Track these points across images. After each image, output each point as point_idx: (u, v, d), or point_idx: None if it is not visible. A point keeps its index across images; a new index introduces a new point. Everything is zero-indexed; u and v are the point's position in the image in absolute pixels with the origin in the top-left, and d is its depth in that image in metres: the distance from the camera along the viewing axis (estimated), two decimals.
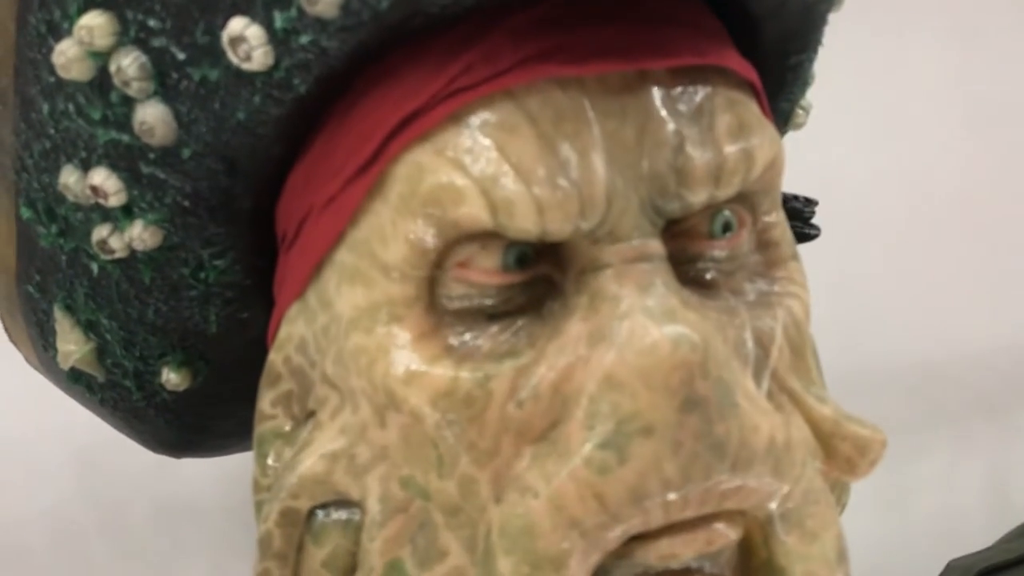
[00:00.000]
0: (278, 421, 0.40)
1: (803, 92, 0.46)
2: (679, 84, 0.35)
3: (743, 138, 0.35)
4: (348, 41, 0.33)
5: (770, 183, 0.37)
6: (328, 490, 0.37)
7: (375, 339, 0.35)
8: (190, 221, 0.40)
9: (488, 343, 0.35)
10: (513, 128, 0.33)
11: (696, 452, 0.32)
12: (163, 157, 0.38)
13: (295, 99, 0.35)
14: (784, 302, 0.38)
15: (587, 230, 0.34)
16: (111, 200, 0.39)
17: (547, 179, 0.33)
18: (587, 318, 0.34)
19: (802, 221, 0.53)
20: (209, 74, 0.35)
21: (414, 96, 0.34)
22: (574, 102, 0.34)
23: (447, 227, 0.34)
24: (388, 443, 0.36)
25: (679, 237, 0.37)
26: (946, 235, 0.96)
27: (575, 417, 0.33)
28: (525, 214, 0.33)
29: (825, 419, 0.38)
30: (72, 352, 0.46)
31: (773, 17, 0.39)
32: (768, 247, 0.39)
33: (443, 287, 0.35)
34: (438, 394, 0.34)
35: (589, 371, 0.33)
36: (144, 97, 0.36)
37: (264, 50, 0.34)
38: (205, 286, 0.43)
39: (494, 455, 0.34)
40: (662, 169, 0.34)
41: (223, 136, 0.36)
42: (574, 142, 0.33)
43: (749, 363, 0.36)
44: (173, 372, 0.46)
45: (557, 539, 0.32)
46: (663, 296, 0.33)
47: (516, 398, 0.34)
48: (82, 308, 0.45)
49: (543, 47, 0.34)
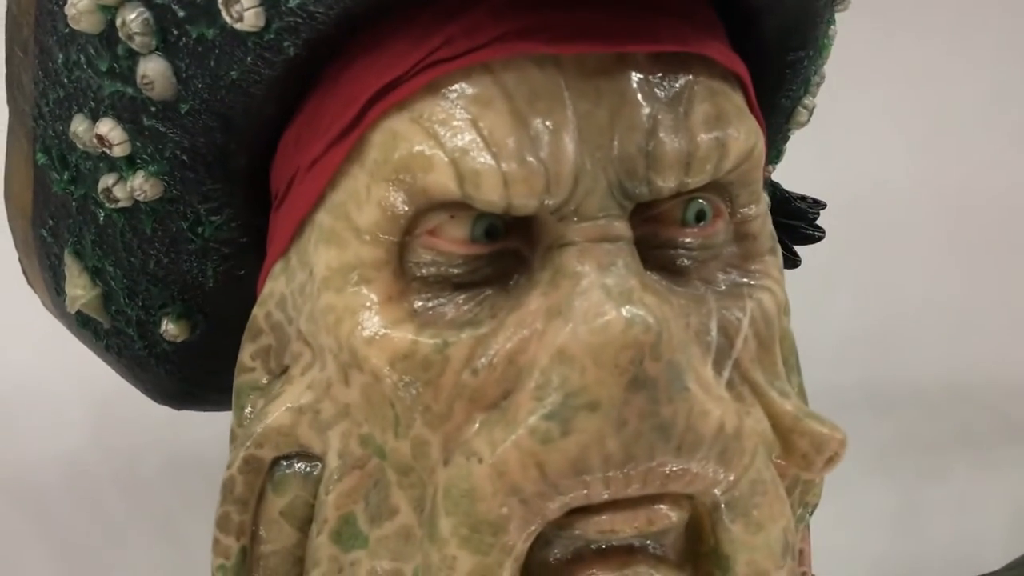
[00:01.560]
0: (256, 374, 0.41)
1: (806, 90, 0.46)
2: (659, 70, 0.35)
3: (718, 128, 0.35)
4: (335, 7, 0.34)
5: (748, 175, 0.38)
6: (292, 442, 0.38)
7: (344, 299, 0.36)
8: (188, 175, 0.41)
9: (453, 311, 0.36)
10: (488, 102, 0.34)
11: (640, 431, 0.33)
12: (163, 111, 0.39)
13: (286, 61, 0.36)
14: (755, 294, 0.38)
15: (553, 207, 0.34)
16: (115, 150, 0.41)
17: (516, 154, 0.34)
18: (547, 293, 0.34)
19: (807, 222, 0.53)
20: (206, 32, 0.36)
21: (396, 65, 0.35)
22: (550, 80, 0.34)
23: (417, 194, 0.34)
24: (351, 401, 0.37)
25: (651, 222, 0.37)
26: (984, 255, 0.94)
27: (526, 388, 0.34)
28: (491, 186, 0.33)
29: (785, 414, 0.38)
30: (79, 296, 0.48)
31: (771, 11, 0.39)
32: (745, 239, 0.39)
33: (412, 253, 0.36)
34: (397, 356, 0.35)
35: (543, 344, 0.34)
36: (147, 52, 0.38)
37: (255, 11, 0.35)
38: (203, 240, 0.44)
39: (446, 419, 0.35)
40: (632, 152, 0.34)
41: (218, 94, 0.38)
42: (546, 119, 0.34)
43: (711, 351, 0.37)
44: (172, 323, 0.48)
45: (497, 504, 0.33)
46: (623, 276, 0.34)
47: (472, 366, 0.35)
48: (89, 254, 0.46)
49: (523, 25, 0.34)
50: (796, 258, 0.53)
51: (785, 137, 0.50)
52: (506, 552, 0.33)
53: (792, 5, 0.39)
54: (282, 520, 0.38)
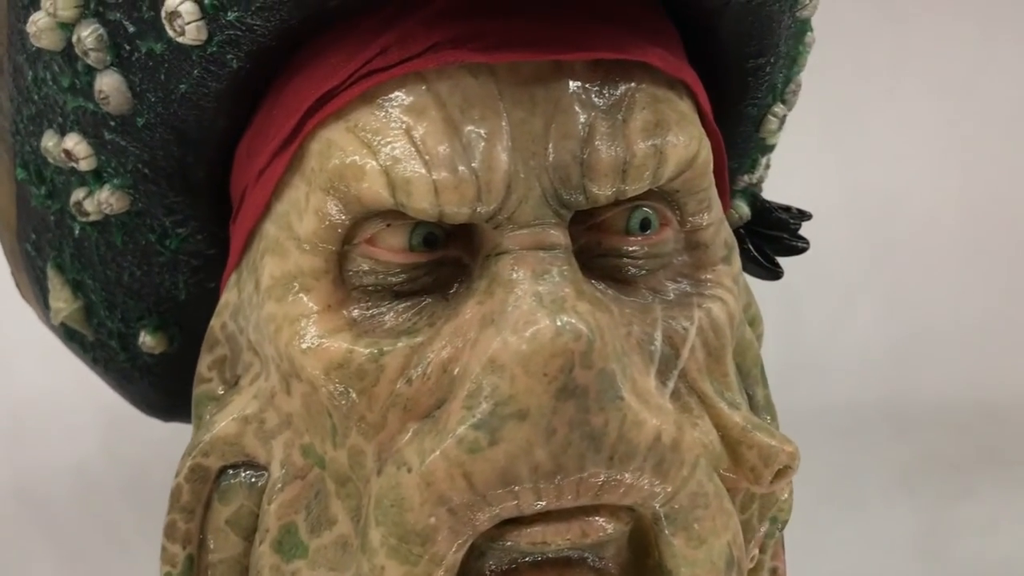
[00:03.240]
0: (212, 384, 0.41)
1: (774, 98, 0.45)
2: (598, 78, 0.35)
3: (657, 135, 0.35)
4: (271, 20, 0.35)
5: (693, 184, 0.37)
6: (238, 451, 0.38)
7: (283, 308, 0.36)
8: (151, 188, 0.42)
9: (392, 320, 0.36)
10: (421, 110, 0.34)
11: (569, 440, 0.32)
12: (122, 125, 0.40)
13: (231, 74, 0.37)
14: (705, 304, 0.38)
15: (486, 214, 0.34)
16: (82, 164, 0.42)
17: (447, 162, 0.34)
18: (483, 301, 0.34)
19: (789, 233, 0.52)
20: (154, 47, 0.37)
21: (334, 75, 0.36)
22: (484, 89, 0.34)
23: (352, 203, 0.35)
24: (292, 410, 0.37)
25: (594, 230, 0.37)
26: (1010, 268, 0.92)
27: (458, 397, 0.33)
28: (422, 194, 0.33)
29: (734, 425, 0.37)
30: (62, 309, 0.49)
31: (721, 14, 0.39)
32: (696, 248, 0.38)
33: (352, 263, 0.36)
34: (332, 365, 0.35)
35: (476, 353, 0.33)
36: (102, 67, 0.39)
37: (196, 25, 0.35)
38: (171, 253, 0.45)
39: (380, 428, 0.35)
40: (567, 160, 0.34)
41: (171, 107, 0.38)
42: (479, 127, 0.34)
43: (654, 360, 0.36)
44: (149, 335, 0.48)
45: (425, 514, 0.33)
46: (557, 284, 0.33)
47: (407, 375, 0.34)
48: (69, 267, 0.47)
49: (457, 34, 0.34)
50: (778, 270, 0.52)
51: (763, 147, 0.49)
52: (435, 563, 0.33)
53: (742, 7, 0.38)
54: (228, 529, 0.38)
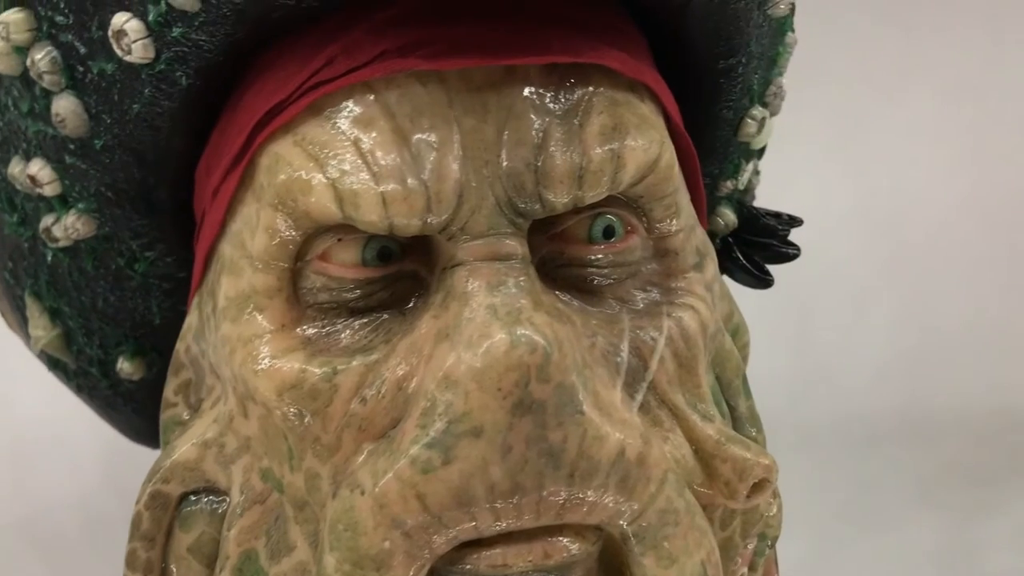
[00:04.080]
0: (178, 409, 0.40)
1: (752, 100, 0.44)
2: (553, 82, 0.34)
3: (615, 139, 0.34)
4: (216, 35, 0.34)
5: (658, 189, 0.36)
6: (198, 477, 0.37)
7: (238, 328, 0.35)
8: (116, 212, 0.41)
9: (348, 338, 0.35)
10: (369, 121, 0.33)
11: (526, 458, 0.31)
12: (81, 148, 0.39)
13: (182, 92, 0.36)
14: (675, 313, 0.36)
15: (437, 225, 0.33)
16: (46, 189, 0.41)
17: (395, 173, 0.33)
18: (438, 315, 0.33)
19: (779, 240, 0.50)
20: (106, 67, 0.36)
21: (282, 89, 0.35)
22: (433, 97, 0.33)
23: (301, 218, 0.34)
24: (251, 434, 0.36)
25: (556, 239, 0.36)
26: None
27: (412, 415, 0.32)
28: (370, 207, 0.33)
29: (707, 439, 0.36)
30: (41, 337, 0.49)
31: (684, 14, 0.38)
32: (666, 256, 0.37)
33: (306, 280, 0.35)
34: (284, 386, 0.34)
35: (430, 369, 0.32)
36: (58, 90, 0.38)
37: (143, 43, 0.35)
38: (142, 277, 0.44)
39: (335, 450, 0.34)
40: (520, 168, 0.33)
41: (127, 128, 0.38)
42: (429, 137, 0.33)
43: (620, 373, 0.35)
44: (127, 362, 0.48)
45: (379, 538, 0.32)
46: (512, 296, 0.32)
47: (361, 394, 0.33)
48: (46, 295, 0.47)
49: (405, 41, 0.33)
50: (768, 278, 0.50)
51: (746, 152, 0.47)
52: None
53: (705, 6, 0.37)
54: (190, 557, 0.37)
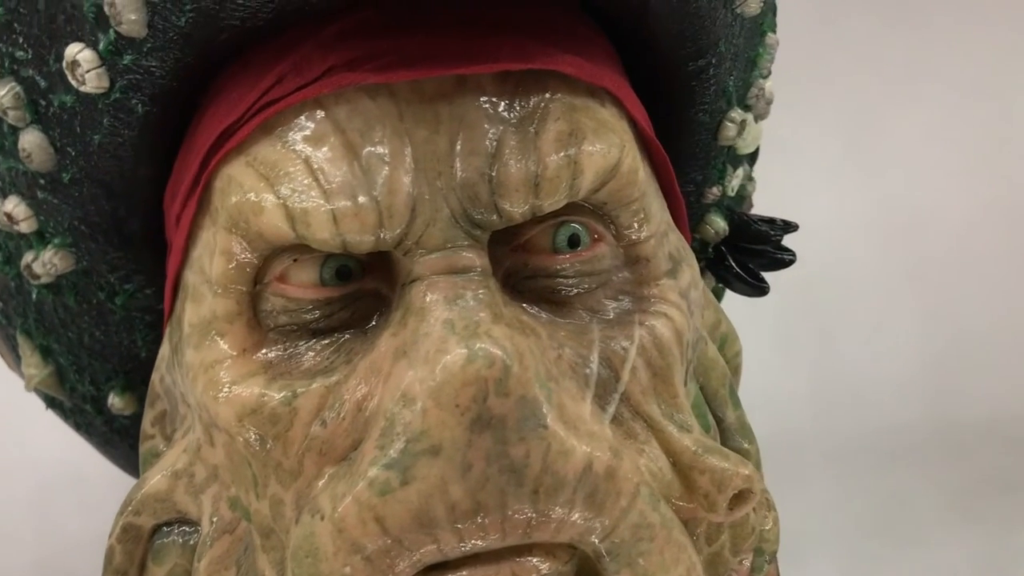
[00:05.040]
0: (156, 440, 0.40)
1: (729, 103, 0.43)
2: (507, 90, 0.33)
3: (571, 145, 0.33)
4: (166, 60, 0.34)
5: (622, 194, 0.35)
6: (170, 508, 0.37)
7: (200, 355, 0.35)
8: (91, 246, 0.41)
9: (311, 360, 0.34)
10: (320, 138, 0.33)
11: (487, 475, 0.30)
12: (50, 183, 0.39)
13: (140, 120, 0.36)
14: (648, 321, 0.35)
15: (392, 240, 0.32)
16: (22, 226, 0.41)
17: (346, 189, 0.32)
18: (396, 333, 0.32)
19: (772, 245, 0.49)
20: (65, 99, 0.36)
21: (234, 110, 0.34)
22: (383, 110, 0.33)
23: (255, 239, 0.33)
24: (218, 462, 0.35)
25: (520, 250, 0.35)
26: None
27: (372, 436, 0.31)
28: (321, 225, 0.32)
29: (684, 450, 0.34)
30: (34, 375, 0.49)
31: (645, 15, 0.37)
32: (637, 263, 0.36)
33: (265, 302, 0.34)
34: (244, 411, 0.33)
35: (388, 388, 0.31)
36: (23, 125, 0.38)
37: (96, 72, 0.35)
38: (123, 310, 0.44)
39: (297, 475, 0.33)
40: (474, 178, 0.32)
41: (91, 160, 0.38)
42: (380, 151, 0.32)
43: (590, 385, 0.34)
44: (117, 397, 0.47)
45: (339, 564, 0.31)
46: (471, 309, 0.31)
47: (321, 417, 0.33)
48: (36, 333, 0.47)
49: (353, 56, 0.33)
50: (764, 285, 0.49)
51: (732, 157, 0.46)
52: None
53: (664, 5, 0.36)
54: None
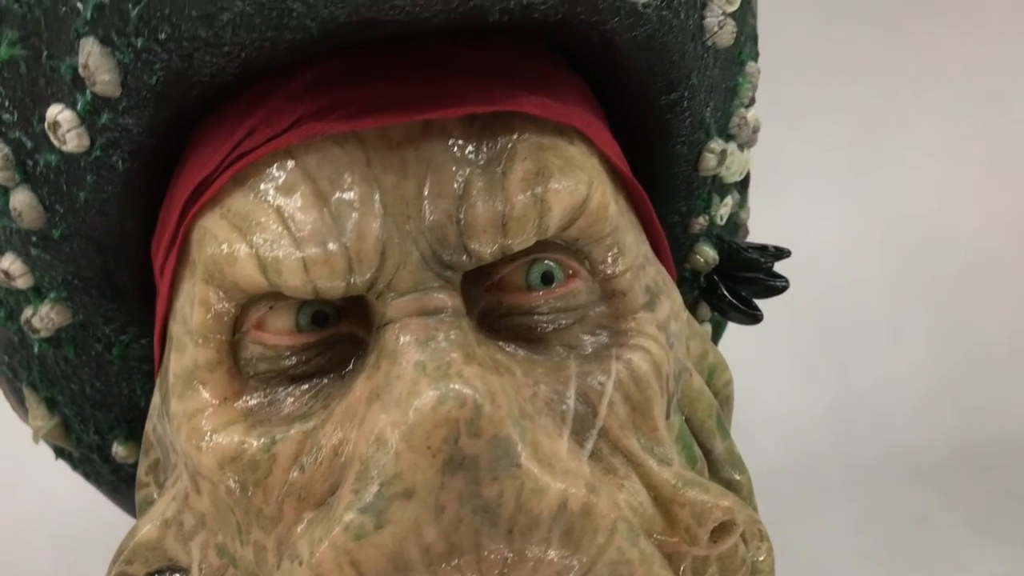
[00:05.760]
0: (150, 489, 0.41)
1: (708, 134, 0.43)
2: (474, 133, 0.34)
3: (538, 184, 0.33)
4: (141, 118, 0.35)
5: (593, 230, 0.35)
6: (161, 556, 0.37)
7: (184, 404, 0.35)
8: (85, 299, 0.42)
9: (291, 406, 0.35)
10: (290, 187, 0.33)
11: (460, 516, 0.30)
12: (42, 240, 0.40)
13: (122, 176, 0.37)
14: (625, 355, 0.35)
15: (363, 285, 0.33)
16: (19, 282, 0.42)
17: (315, 237, 0.33)
18: (371, 376, 0.33)
19: (764, 272, 0.49)
20: (50, 159, 0.37)
21: (209, 163, 0.35)
22: (352, 158, 0.33)
23: (230, 289, 0.34)
24: (204, 509, 0.36)
25: (494, 289, 0.35)
26: None
27: (348, 480, 0.32)
28: (292, 272, 0.33)
29: (664, 484, 0.34)
30: (41, 427, 0.50)
31: (611, 51, 0.37)
32: (614, 297, 0.36)
33: (244, 350, 0.35)
34: (225, 459, 0.34)
35: (363, 432, 0.32)
36: (13, 185, 0.39)
37: (76, 132, 0.36)
38: (121, 361, 0.45)
39: (278, 520, 0.33)
40: (442, 220, 0.33)
41: (79, 216, 0.39)
42: (349, 197, 0.33)
43: (567, 421, 0.34)
44: (121, 446, 0.48)
45: None
46: (442, 351, 0.32)
47: (299, 462, 0.33)
48: (40, 385, 0.48)
49: (320, 105, 0.34)
50: (757, 312, 0.49)
51: (719, 186, 0.46)
52: None
53: (628, 43, 0.37)
54: None
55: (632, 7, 0.35)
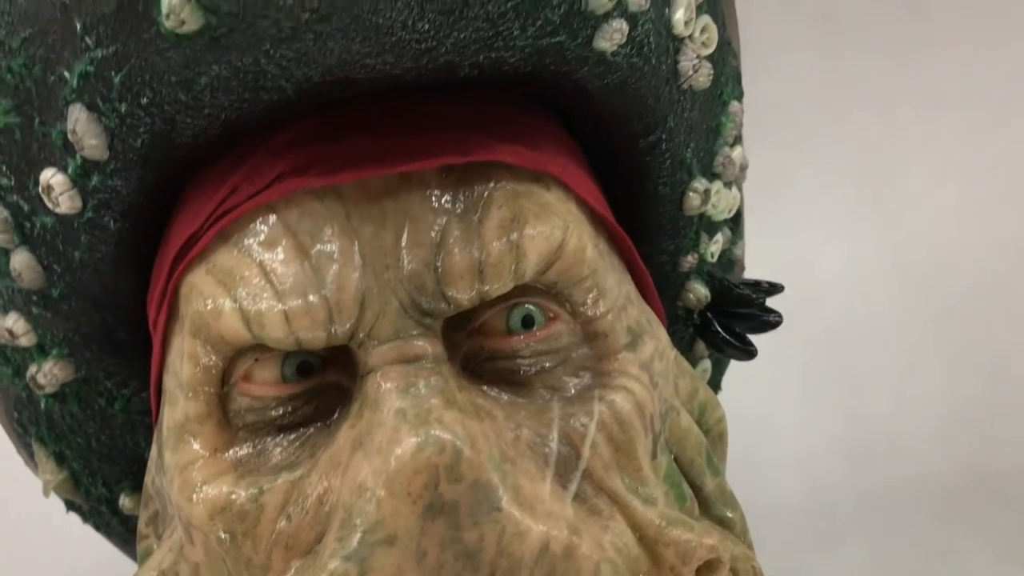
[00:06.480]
0: (150, 540, 0.41)
1: (690, 174, 0.43)
2: (450, 183, 0.35)
3: (514, 230, 0.34)
4: (130, 179, 0.36)
5: (571, 273, 0.36)
6: None
7: (176, 457, 0.36)
8: (86, 355, 0.43)
9: (279, 455, 0.35)
10: (272, 242, 0.34)
11: (442, 562, 0.31)
12: (42, 299, 0.41)
13: (114, 235, 0.38)
14: (607, 396, 0.36)
15: (344, 335, 0.34)
16: (22, 340, 0.43)
17: (297, 289, 0.33)
18: (354, 424, 0.33)
19: (758, 308, 0.49)
20: (46, 221, 0.39)
21: (195, 220, 0.36)
22: (331, 211, 0.34)
23: (216, 343, 0.35)
24: (199, 560, 0.36)
25: (475, 334, 0.36)
26: None
27: (332, 528, 0.32)
28: (275, 324, 0.33)
29: (648, 523, 0.35)
30: (50, 480, 0.51)
31: (584, 97, 0.38)
32: (596, 339, 0.37)
33: (232, 402, 0.36)
34: (215, 510, 0.34)
35: (346, 480, 0.32)
36: (13, 247, 0.40)
37: (68, 194, 0.37)
38: (125, 414, 0.46)
39: (267, 569, 0.34)
40: (420, 269, 0.34)
41: (76, 275, 0.40)
42: (329, 249, 0.34)
43: (550, 464, 0.34)
44: (128, 498, 0.49)
45: None
46: (422, 397, 0.32)
47: (286, 511, 0.34)
48: (48, 440, 0.49)
49: (300, 161, 0.35)
50: (751, 348, 0.49)
51: (708, 224, 0.47)
52: None
53: (602, 90, 0.38)
54: None
55: (600, 56, 0.36)
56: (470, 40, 0.33)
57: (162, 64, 0.33)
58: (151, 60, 0.33)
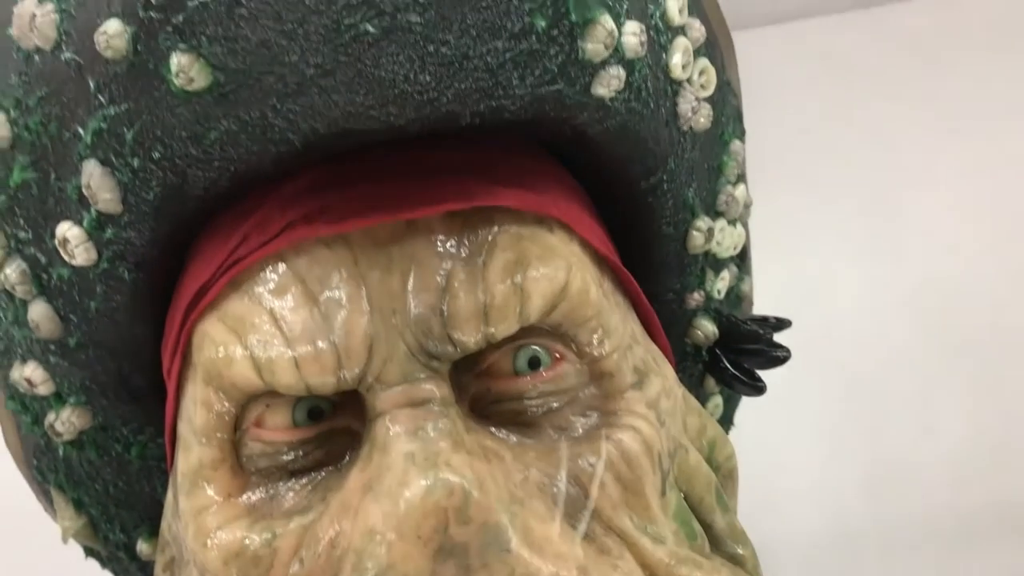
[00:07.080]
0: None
1: (693, 213, 0.44)
2: (455, 228, 0.35)
3: (517, 273, 0.35)
4: (143, 231, 0.37)
5: (576, 314, 0.36)
6: None
7: (190, 502, 0.37)
8: (103, 402, 0.44)
9: (291, 500, 0.36)
10: (282, 289, 0.35)
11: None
12: (59, 349, 0.42)
13: (128, 286, 0.39)
14: (615, 435, 0.36)
15: (352, 380, 0.34)
16: (40, 389, 0.44)
17: (306, 336, 0.34)
18: (364, 468, 0.34)
19: (766, 343, 0.49)
20: (63, 272, 0.40)
21: (207, 269, 0.37)
22: (339, 258, 0.35)
23: (228, 389, 0.35)
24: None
25: (483, 377, 0.36)
26: None
27: (344, 572, 0.33)
28: (285, 371, 0.34)
29: (658, 563, 0.35)
30: (69, 527, 0.51)
31: (584, 141, 0.39)
32: (602, 379, 0.37)
33: (245, 447, 0.36)
34: (229, 555, 0.35)
35: (357, 524, 0.33)
36: (30, 298, 0.41)
37: (84, 247, 0.38)
38: (141, 460, 0.46)
39: None
40: (426, 313, 0.34)
41: (92, 325, 0.41)
42: (337, 296, 0.35)
43: (558, 504, 0.35)
44: (145, 543, 0.50)
45: None
46: (431, 440, 0.33)
47: (299, 556, 0.34)
48: (67, 486, 0.50)
49: (308, 210, 0.36)
50: (760, 384, 0.49)
51: (713, 262, 0.47)
52: None
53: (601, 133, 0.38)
54: None
55: (599, 101, 0.36)
56: (471, 90, 0.34)
57: (172, 120, 0.34)
58: (162, 116, 0.34)
